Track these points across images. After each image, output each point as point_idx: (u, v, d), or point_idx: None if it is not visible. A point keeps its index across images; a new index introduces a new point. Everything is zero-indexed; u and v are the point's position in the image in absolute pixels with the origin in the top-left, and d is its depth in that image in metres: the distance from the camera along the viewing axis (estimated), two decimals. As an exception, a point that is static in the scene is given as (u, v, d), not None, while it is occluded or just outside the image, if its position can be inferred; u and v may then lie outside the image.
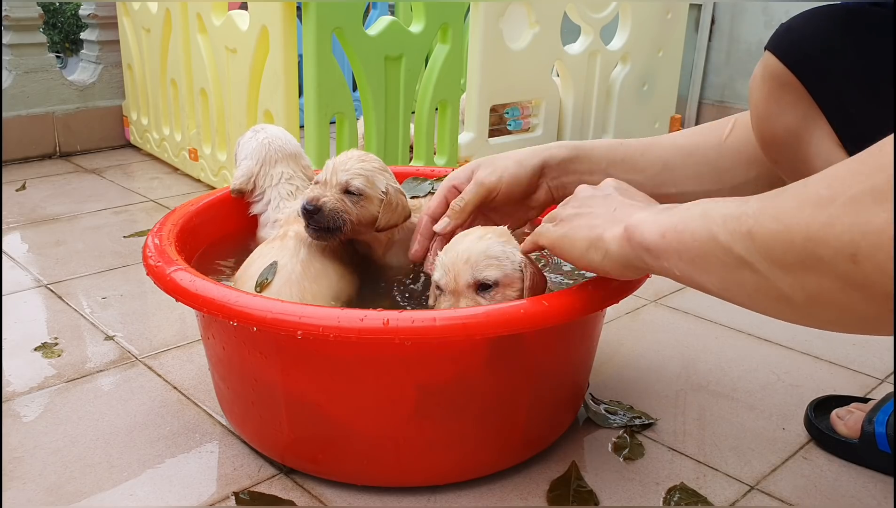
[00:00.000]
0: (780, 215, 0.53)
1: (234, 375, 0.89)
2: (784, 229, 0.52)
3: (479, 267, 0.82)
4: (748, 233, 0.55)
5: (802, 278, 0.52)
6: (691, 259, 0.61)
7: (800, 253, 0.51)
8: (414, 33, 1.78)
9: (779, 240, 0.53)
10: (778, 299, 0.55)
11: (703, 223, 0.60)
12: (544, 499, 0.86)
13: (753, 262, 0.55)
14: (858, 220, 0.47)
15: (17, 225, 1.74)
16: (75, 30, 4.75)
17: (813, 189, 0.52)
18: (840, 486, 0.89)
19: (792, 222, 0.52)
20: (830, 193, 0.50)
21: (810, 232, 0.50)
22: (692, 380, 1.12)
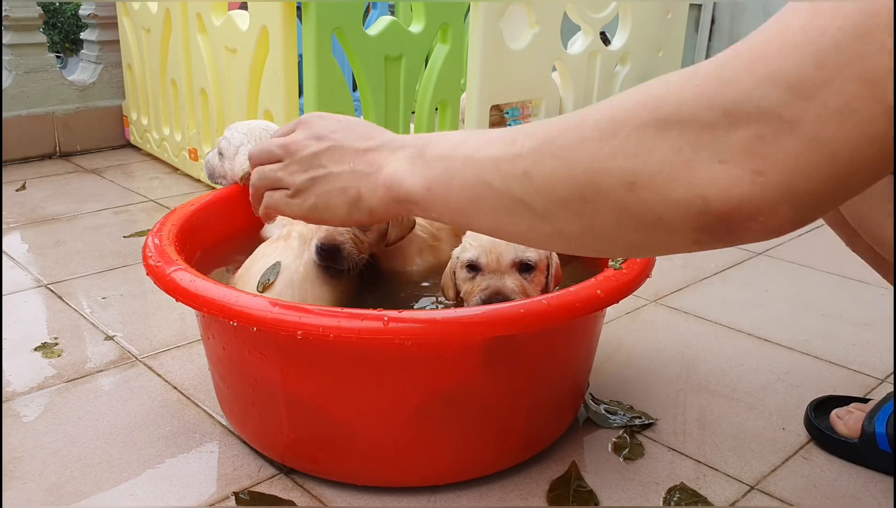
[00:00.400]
0: (561, 153, 0.53)
1: (234, 375, 0.89)
2: (565, 165, 0.53)
3: (521, 247, 0.82)
4: (524, 174, 0.56)
5: (580, 210, 0.53)
6: (461, 207, 0.62)
7: (580, 187, 0.52)
8: (414, 33, 1.78)
9: (559, 177, 0.54)
10: (552, 235, 0.57)
11: (474, 171, 0.60)
12: (544, 499, 0.86)
13: (531, 202, 0.56)
14: (641, 150, 0.49)
15: (17, 225, 1.74)
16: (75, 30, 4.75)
17: (593, 123, 0.52)
18: (840, 486, 0.89)
19: (573, 158, 0.53)
20: (614, 126, 0.50)
21: (592, 165, 0.51)
22: (692, 380, 1.12)
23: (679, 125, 0.47)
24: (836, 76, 0.42)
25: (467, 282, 0.86)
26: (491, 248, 0.83)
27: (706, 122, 0.46)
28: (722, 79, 0.46)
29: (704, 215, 0.47)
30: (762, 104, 0.44)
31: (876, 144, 0.42)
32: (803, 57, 0.43)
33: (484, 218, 0.61)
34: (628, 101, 0.51)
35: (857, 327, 1.30)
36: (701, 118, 0.46)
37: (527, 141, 0.57)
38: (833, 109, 0.42)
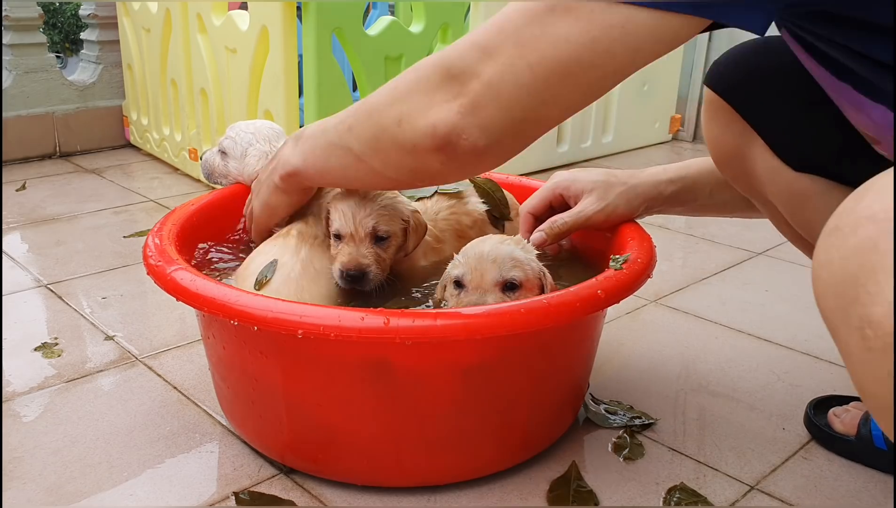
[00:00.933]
0: (368, 110, 0.78)
1: (234, 375, 0.89)
2: (367, 117, 0.78)
3: (507, 267, 0.84)
4: (349, 129, 0.80)
5: (377, 146, 0.77)
6: (323, 166, 0.86)
7: (375, 128, 0.77)
8: (414, 33, 1.78)
9: (365, 125, 0.78)
10: (368, 172, 0.81)
11: (324, 137, 0.84)
12: (544, 499, 0.86)
13: (352, 147, 0.80)
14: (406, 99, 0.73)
15: (17, 225, 1.74)
16: (75, 30, 4.75)
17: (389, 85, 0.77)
18: (840, 486, 0.89)
19: (373, 111, 0.77)
20: (398, 90, 0.75)
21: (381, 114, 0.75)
22: (692, 380, 1.12)
23: (426, 81, 0.71)
24: (503, 41, 0.65)
25: (454, 297, 0.86)
26: (476, 266, 0.84)
27: (440, 78, 0.70)
28: (451, 49, 0.70)
29: (434, 138, 0.71)
30: (467, 62, 0.68)
31: (525, 89, 0.66)
32: (493, 29, 0.66)
33: (336, 172, 0.85)
34: (412, 67, 0.75)
35: (857, 327, 1.30)
36: (438, 76, 0.70)
37: (357, 106, 0.81)
38: (500, 63, 0.66)
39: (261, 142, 1.20)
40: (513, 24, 0.65)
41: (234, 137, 1.22)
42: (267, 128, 1.23)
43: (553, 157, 2.27)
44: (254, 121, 1.27)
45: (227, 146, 1.22)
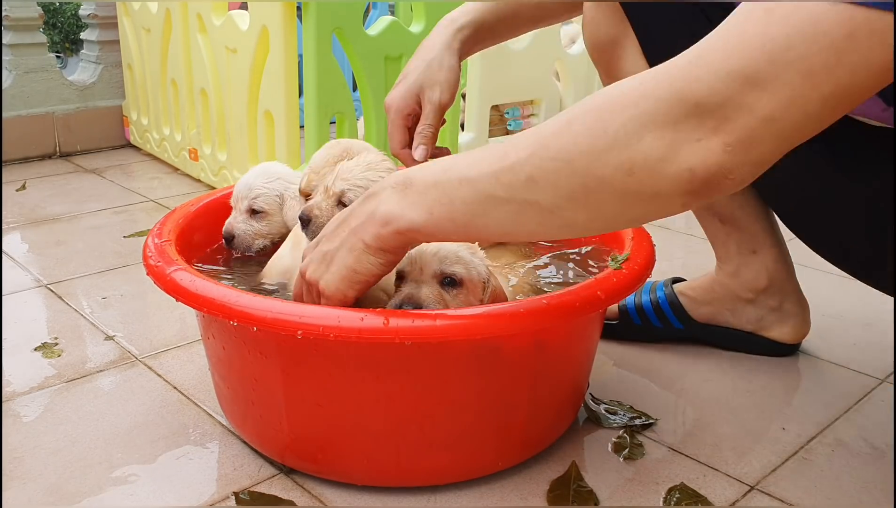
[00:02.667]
0: (559, 155, 0.64)
1: (234, 375, 0.89)
2: (566, 165, 0.63)
3: (448, 262, 0.83)
4: (529, 179, 0.65)
5: (585, 200, 0.64)
6: (468, 222, 0.70)
7: (583, 180, 0.63)
8: (414, 33, 1.78)
9: (562, 176, 0.64)
10: (561, 226, 0.68)
11: (473, 188, 0.69)
12: (544, 499, 0.86)
13: (539, 201, 0.66)
14: (632, 141, 0.60)
15: (17, 225, 1.74)
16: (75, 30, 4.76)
17: (581, 125, 0.63)
18: (840, 486, 0.89)
19: (572, 157, 0.63)
20: (603, 124, 0.62)
21: (591, 161, 0.62)
22: (692, 380, 1.12)
23: (661, 117, 0.59)
24: (783, 71, 0.55)
25: (397, 289, 0.86)
26: (417, 257, 0.83)
27: (683, 113, 0.59)
28: (691, 78, 0.58)
29: (692, 183, 0.60)
30: (726, 94, 0.57)
31: (812, 120, 0.57)
32: (758, 56, 0.56)
33: (493, 226, 0.70)
34: (609, 101, 0.62)
35: (857, 327, 1.30)
36: (678, 111, 0.59)
37: (520, 152, 0.66)
38: (783, 95, 0.56)
39: (291, 183, 1.14)
40: (794, 50, 0.55)
41: (264, 192, 1.13)
42: (278, 169, 1.16)
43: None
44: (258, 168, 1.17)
45: (262, 205, 1.13)
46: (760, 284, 1.14)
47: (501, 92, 2.02)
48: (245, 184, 1.14)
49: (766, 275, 1.13)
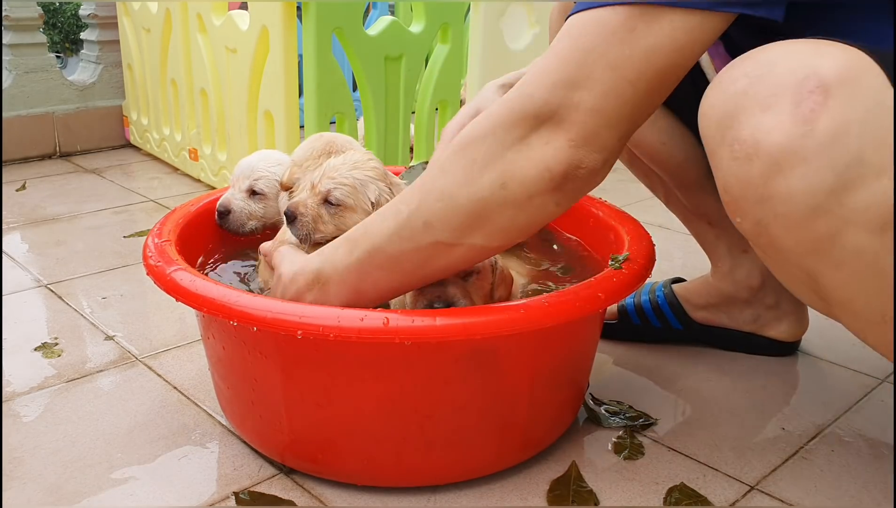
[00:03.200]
0: (441, 195, 0.73)
1: (234, 375, 0.89)
2: (449, 200, 0.73)
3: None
4: (425, 224, 0.74)
5: (479, 223, 0.73)
6: (391, 282, 0.79)
7: (471, 208, 0.72)
8: (414, 33, 1.78)
9: (451, 210, 0.73)
10: (468, 251, 0.76)
11: (383, 253, 0.77)
12: (544, 499, 0.86)
13: (441, 239, 0.75)
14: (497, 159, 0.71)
15: (17, 225, 1.74)
16: (75, 30, 4.76)
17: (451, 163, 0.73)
18: (840, 486, 0.89)
19: (453, 192, 0.73)
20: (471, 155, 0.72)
21: (469, 189, 0.72)
22: (692, 380, 1.12)
23: (513, 134, 0.70)
24: (591, 70, 0.67)
25: (411, 295, 0.86)
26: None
27: (528, 126, 0.70)
28: (525, 96, 0.70)
29: (553, 180, 0.70)
30: (555, 101, 0.68)
31: (632, 104, 0.68)
32: (571, 63, 0.68)
33: (414, 277, 0.79)
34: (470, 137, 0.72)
35: (857, 327, 1.30)
36: (524, 126, 0.70)
37: (410, 205, 0.75)
38: (598, 89, 0.67)
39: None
40: (595, 51, 0.66)
41: (266, 175, 1.13)
42: (280, 156, 1.16)
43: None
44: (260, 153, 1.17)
45: (262, 187, 1.13)
46: (754, 282, 1.14)
47: (501, 92, 2.02)
48: (248, 165, 1.15)
49: (758, 272, 1.14)
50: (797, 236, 0.63)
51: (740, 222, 0.67)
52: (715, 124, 0.65)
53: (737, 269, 1.14)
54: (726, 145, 0.64)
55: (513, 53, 1.98)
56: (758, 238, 0.66)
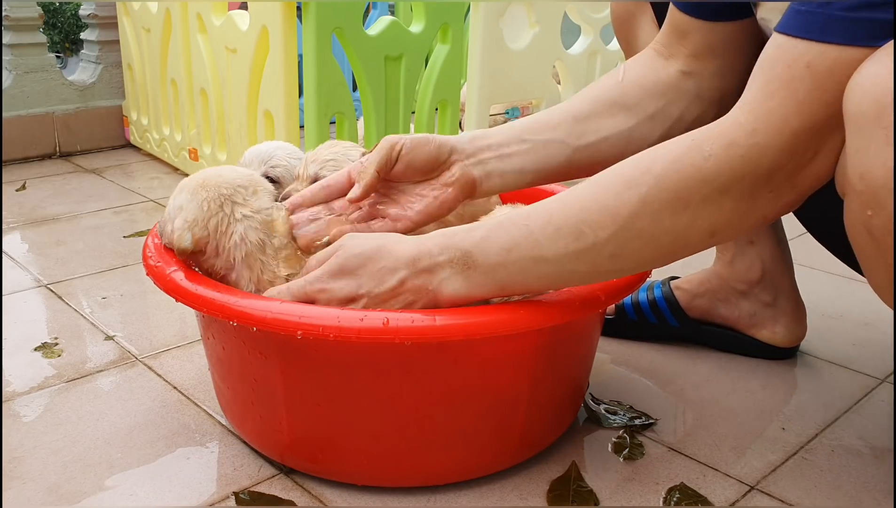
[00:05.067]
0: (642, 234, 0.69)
1: (234, 375, 0.89)
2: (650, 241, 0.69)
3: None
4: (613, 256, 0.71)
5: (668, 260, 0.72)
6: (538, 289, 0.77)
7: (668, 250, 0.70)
8: (414, 33, 1.78)
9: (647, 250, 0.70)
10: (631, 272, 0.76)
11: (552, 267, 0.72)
12: (544, 499, 0.86)
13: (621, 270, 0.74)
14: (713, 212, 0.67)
15: (17, 225, 1.74)
16: (75, 30, 4.76)
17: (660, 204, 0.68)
18: (840, 486, 0.89)
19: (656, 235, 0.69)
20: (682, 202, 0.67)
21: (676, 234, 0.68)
22: (692, 380, 1.12)
23: (737, 186, 0.65)
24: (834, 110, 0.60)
25: None
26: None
27: (757, 180, 0.64)
28: (759, 147, 0.63)
29: (764, 224, 0.69)
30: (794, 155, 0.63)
31: None
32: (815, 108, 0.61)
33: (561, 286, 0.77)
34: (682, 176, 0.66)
35: (857, 327, 1.30)
36: (752, 181, 0.64)
37: (598, 232, 0.69)
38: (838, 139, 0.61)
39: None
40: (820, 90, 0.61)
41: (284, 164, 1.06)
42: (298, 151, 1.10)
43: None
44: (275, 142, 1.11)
45: (277, 173, 1.06)
46: (754, 275, 1.14)
47: (501, 92, 2.02)
48: (265, 151, 1.07)
49: (760, 266, 1.13)
50: None
51: (871, 216, 0.59)
52: (871, 98, 0.57)
53: (739, 258, 1.14)
54: (882, 127, 0.56)
55: (513, 53, 1.98)
56: (888, 236, 0.59)
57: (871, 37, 0.57)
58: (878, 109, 0.56)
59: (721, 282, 1.16)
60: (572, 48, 2.19)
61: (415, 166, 0.87)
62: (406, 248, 0.76)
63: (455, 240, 0.75)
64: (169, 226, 0.86)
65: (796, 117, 0.61)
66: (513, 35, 2.02)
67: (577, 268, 0.72)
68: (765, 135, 0.63)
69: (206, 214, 0.83)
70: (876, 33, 0.57)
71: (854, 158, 0.59)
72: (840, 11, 0.58)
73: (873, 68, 0.57)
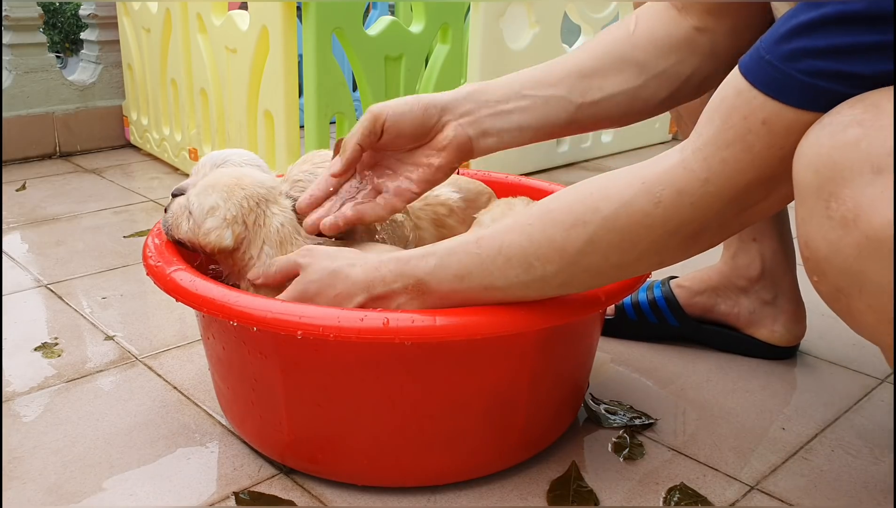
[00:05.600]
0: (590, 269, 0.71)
1: (234, 375, 0.89)
2: (596, 276, 0.73)
3: None
4: (561, 285, 0.74)
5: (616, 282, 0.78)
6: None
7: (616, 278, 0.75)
8: (414, 33, 1.78)
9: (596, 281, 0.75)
10: None
11: (502, 293, 0.75)
12: (544, 499, 0.86)
13: (571, 291, 0.76)
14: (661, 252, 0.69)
15: (17, 225, 1.74)
16: (75, 30, 4.76)
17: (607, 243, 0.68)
18: (840, 486, 0.89)
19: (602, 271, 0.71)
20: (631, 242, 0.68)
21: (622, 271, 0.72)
22: (692, 380, 1.12)
23: (686, 229, 0.66)
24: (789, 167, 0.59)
25: None
26: None
27: (706, 223, 0.66)
28: (710, 195, 0.63)
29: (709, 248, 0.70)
30: (746, 201, 0.64)
31: None
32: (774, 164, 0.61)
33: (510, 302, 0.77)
34: (633, 222, 0.66)
35: (857, 327, 1.30)
36: (700, 224, 0.66)
37: (547, 266, 0.71)
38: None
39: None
40: None
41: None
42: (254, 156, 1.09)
43: (553, 157, 2.27)
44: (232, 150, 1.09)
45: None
46: (754, 271, 1.14)
47: (501, 92, 2.01)
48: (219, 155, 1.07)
49: (760, 263, 1.13)
50: (881, 316, 0.55)
51: (817, 282, 0.58)
52: (813, 170, 0.56)
53: (740, 253, 1.14)
54: (822, 199, 0.55)
55: (513, 53, 1.98)
56: (834, 303, 0.59)
57: (829, 105, 0.56)
58: (818, 181, 0.55)
59: (721, 278, 1.16)
60: (572, 48, 2.19)
61: (404, 135, 0.85)
62: (360, 273, 0.78)
63: (408, 268, 0.77)
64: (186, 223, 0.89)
65: (751, 170, 0.61)
66: (513, 35, 2.02)
67: (526, 294, 0.75)
68: (716, 185, 0.62)
69: (246, 210, 0.88)
70: (834, 102, 0.56)
71: (800, 226, 0.58)
72: (803, 75, 0.57)
73: (815, 136, 0.56)
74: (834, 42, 0.55)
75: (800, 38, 0.56)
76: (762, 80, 0.59)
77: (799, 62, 0.57)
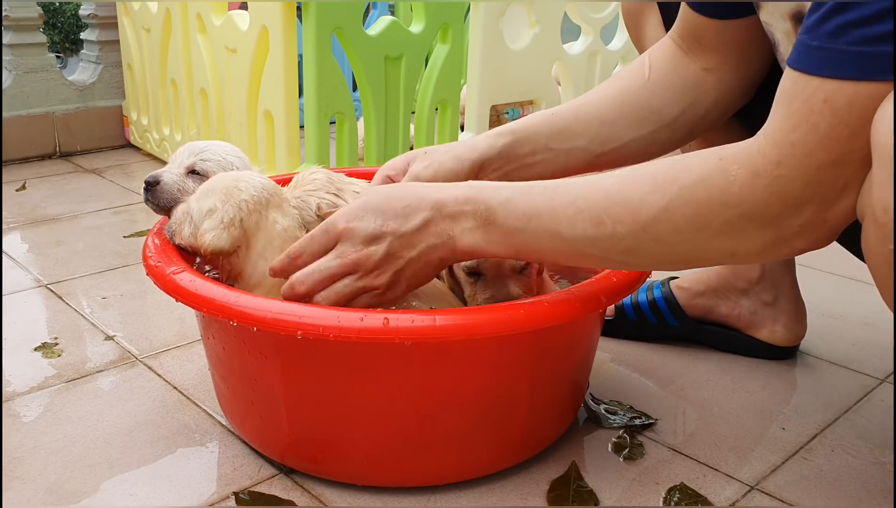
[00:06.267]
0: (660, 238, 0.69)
1: (234, 375, 0.89)
2: (667, 247, 0.70)
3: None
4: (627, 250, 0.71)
5: (683, 266, 0.75)
6: (551, 259, 0.78)
7: (684, 259, 0.72)
8: (414, 33, 1.78)
9: (662, 253, 0.71)
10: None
11: (566, 245, 0.73)
12: (544, 499, 0.86)
13: (635, 264, 0.75)
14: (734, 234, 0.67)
15: (17, 225, 1.74)
16: (75, 30, 4.75)
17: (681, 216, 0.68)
18: (840, 486, 0.89)
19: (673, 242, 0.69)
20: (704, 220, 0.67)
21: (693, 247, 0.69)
22: (692, 380, 1.12)
23: (762, 215, 0.64)
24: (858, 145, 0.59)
25: (469, 285, 0.87)
26: None
27: (784, 211, 0.63)
28: (784, 179, 0.62)
29: (796, 253, 0.67)
30: (820, 189, 0.62)
31: None
32: (842, 143, 0.59)
33: (571, 262, 0.77)
34: (708, 195, 0.66)
35: (857, 327, 1.30)
36: (777, 211, 0.63)
37: (617, 226, 0.70)
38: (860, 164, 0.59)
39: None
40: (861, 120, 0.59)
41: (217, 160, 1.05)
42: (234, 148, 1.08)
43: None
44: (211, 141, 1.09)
45: (205, 167, 1.04)
46: (754, 273, 1.14)
47: (501, 92, 2.02)
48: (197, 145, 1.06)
49: (760, 265, 1.13)
50: None
51: (893, 250, 0.58)
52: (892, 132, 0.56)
53: None
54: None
55: (513, 53, 1.98)
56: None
57: (885, 70, 0.57)
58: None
59: (721, 280, 1.16)
60: (572, 48, 2.19)
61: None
62: (432, 190, 0.77)
63: (482, 194, 0.75)
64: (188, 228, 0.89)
65: (820, 151, 0.60)
66: (513, 35, 2.02)
67: (591, 252, 0.72)
68: (789, 168, 0.62)
69: (245, 213, 0.87)
70: (888, 64, 0.56)
71: (879, 190, 0.57)
72: (851, 46, 0.57)
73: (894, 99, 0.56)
74: (871, 9, 0.56)
75: (838, 16, 0.58)
76: (815, 63, 0.60)
77: (844, 35, 0.58)
